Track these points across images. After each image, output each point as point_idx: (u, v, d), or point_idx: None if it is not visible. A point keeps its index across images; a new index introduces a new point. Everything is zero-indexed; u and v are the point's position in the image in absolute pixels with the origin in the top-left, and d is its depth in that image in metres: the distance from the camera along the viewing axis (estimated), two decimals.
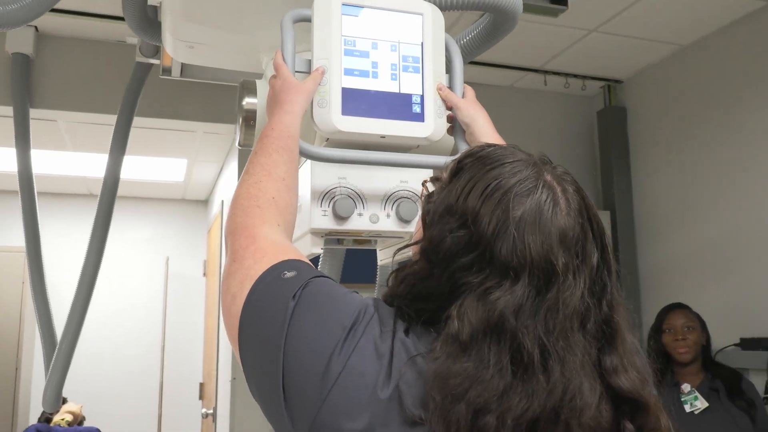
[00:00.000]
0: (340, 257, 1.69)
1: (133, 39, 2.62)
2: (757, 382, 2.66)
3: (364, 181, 1.19)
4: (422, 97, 1.14)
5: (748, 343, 2.88)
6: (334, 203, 1.15)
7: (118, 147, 2.68)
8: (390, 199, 1.20)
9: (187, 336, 5.28)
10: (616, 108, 3.88)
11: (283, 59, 1.11)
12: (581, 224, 0.76)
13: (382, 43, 1.14)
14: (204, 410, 4.10)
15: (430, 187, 0.87)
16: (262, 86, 1.31)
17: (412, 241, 0.85)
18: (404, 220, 1.19)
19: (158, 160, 4.33)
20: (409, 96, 1.14)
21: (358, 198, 1.17)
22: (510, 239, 0.72)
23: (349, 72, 1.10)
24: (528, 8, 1.30)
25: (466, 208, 0.75)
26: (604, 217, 3.75)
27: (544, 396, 0.66)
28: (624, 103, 3.89)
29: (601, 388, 0.70)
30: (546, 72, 3.68)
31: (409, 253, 1.23)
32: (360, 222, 1.17)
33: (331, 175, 1.17)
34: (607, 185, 3.81)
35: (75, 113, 3.29)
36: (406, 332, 0.75)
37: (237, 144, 1.35)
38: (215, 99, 3.33)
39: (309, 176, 1.18)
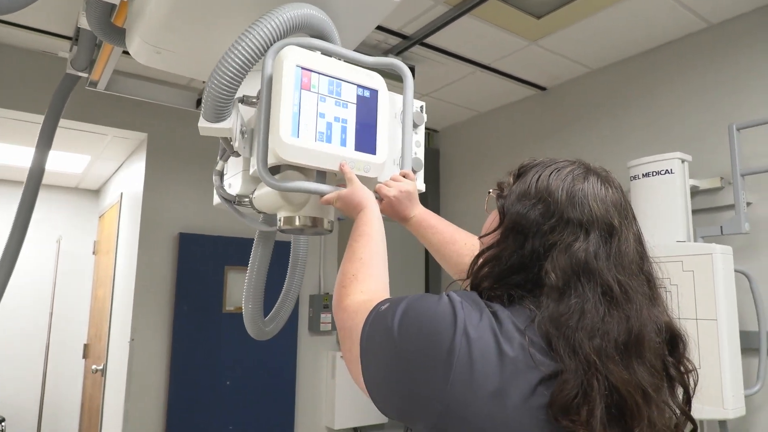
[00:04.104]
0: (271, 241, 1.63)
1: (65, 53, 2.42)
2: None
3: None
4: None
5: None
6: None
7: (44, 143, 2.43)
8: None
9: (74, 303, 4.77)
10: (432, 149, 4.17)
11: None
12: (624, 199, 0.78)
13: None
14: (94, 367, 3.76)
15: (495, 192, 0.86)
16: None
17: (484, 232, 0.83)
18: None
19: (63, 154, 3.90)
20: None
21: None
22: (579, 203, 0.73)
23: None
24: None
25: (539, 189, 0.75)
26: None
27: (631, 322, 0.67)
28: (438, 146, 4.21)
29: (659, 323, 0.71)
30: None
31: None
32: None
33: None
34: (425, 203, 4.11)
35: None
36: (495, 313, 0.70)
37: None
38: (131, 110, 3.14)
39: None
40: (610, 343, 0.65)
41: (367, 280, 0.89)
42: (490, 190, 0.88)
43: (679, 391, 0.73)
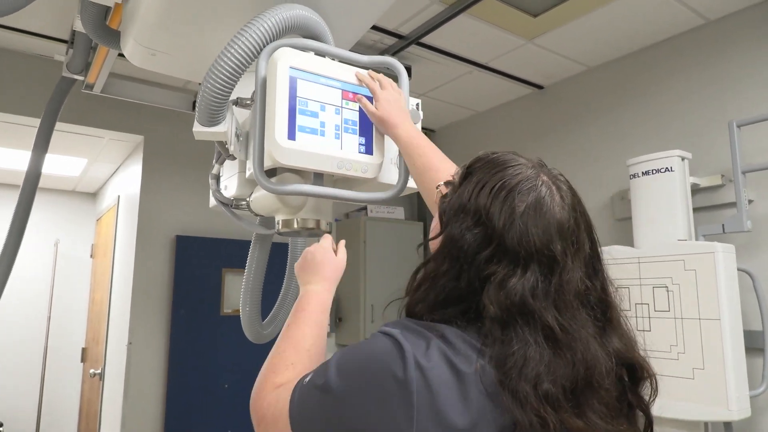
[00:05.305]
0: (268, 243, 1.63)
1: (61, 57, 2.41)
2: None
3: None
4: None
5: None
6: None
7: (41, 146, 2.42)
8: None
9: (72, 307, 4.76)
10: None
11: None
12: (575, 217, 0.70)
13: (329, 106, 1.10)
14: (92, 371, 3.74)
15: (444, 189, 0.78)
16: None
17: (431, 236, 0.77)
18: None
19: (60, 157, 3.88)
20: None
21: None
22: (517, 231, 0.66)
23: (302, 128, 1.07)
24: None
25: (478, 207, 0.69)
26: (419, 227, 4.07)
27: (576, 366, 0.62)
28: None
29: (610, 355, 0.67)
30: None
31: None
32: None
33: None
34: (422, 202, 4.13)
35: None
36: (443, 335, 0.65)
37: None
38: (127, 113, 3.13)
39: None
40: (559, 389, 0.61)
41: (301, 374, 0.75)
42: (439, 184, 0.82)
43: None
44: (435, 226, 0.78)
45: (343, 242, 1.06)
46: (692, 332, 2.05)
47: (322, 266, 0.97)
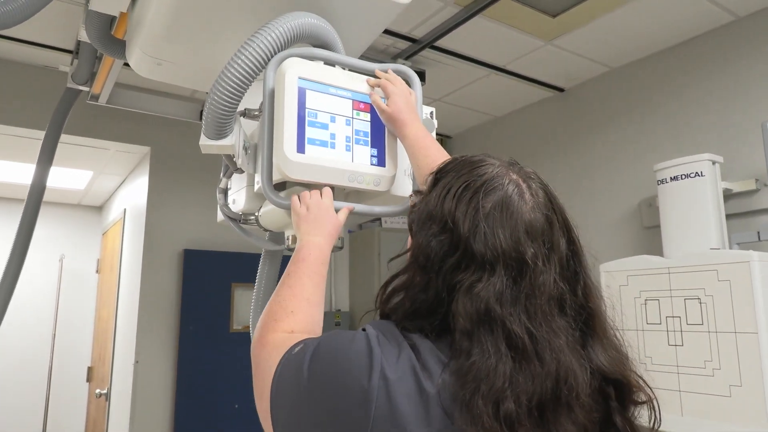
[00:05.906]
0: (278, 259, 1.64)
1: (66, 67, 2.45)
2: None
3: None
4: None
5: None
6: None
7: (45, 159, 2.46)
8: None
9: (78, 324, 4.81)
10: None
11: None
12: (546, 216, 0.68)
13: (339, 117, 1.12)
14: (98, 391, 3.77)
15: (414, 199, 0.78)
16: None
17: (404, 249, 0.77)
18: None
19: (65, 170, 3.94)
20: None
21: None
22: (482, 234, 0.64)
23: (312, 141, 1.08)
24: None
25: (443, 212, 0.68)
26: None
27: (543, 379, 0.59)
28: (452, 153, 4.21)
29: (589, 367, 0.63)
30: None
31: None
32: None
33: None
34: None
35: None
36: (415, 346, 0.64)
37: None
38: (133, 124, 3.17)
39: None
40: (522, 406, 0.57)
41: (304, 321, 0.81)
42: (411, 194, 0.82)
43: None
44: (408, 239, 0.77)
45: (349, 206, 1.09)
46: (728, 347, 2.00)
47: (328, 221, 0.99)
